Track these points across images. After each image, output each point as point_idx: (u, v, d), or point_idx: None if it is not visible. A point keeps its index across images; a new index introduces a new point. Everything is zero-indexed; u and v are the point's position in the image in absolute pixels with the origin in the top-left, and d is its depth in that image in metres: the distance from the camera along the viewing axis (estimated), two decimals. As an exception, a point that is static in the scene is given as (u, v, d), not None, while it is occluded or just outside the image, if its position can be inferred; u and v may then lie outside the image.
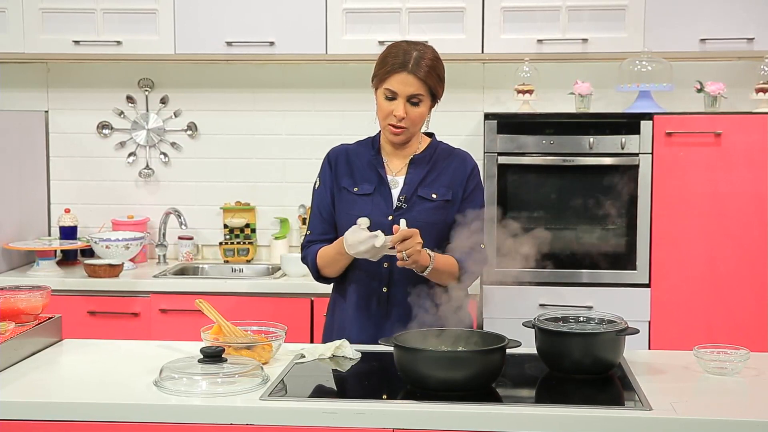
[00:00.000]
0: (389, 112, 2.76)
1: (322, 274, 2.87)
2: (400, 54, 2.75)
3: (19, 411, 2.19)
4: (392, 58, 2.75)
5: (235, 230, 4.57)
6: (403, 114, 2.74)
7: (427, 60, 2.75)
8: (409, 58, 2.73)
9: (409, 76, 2.72)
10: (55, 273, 4.19)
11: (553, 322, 2.51)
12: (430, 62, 2.75)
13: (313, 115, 4.59)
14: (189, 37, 4.22)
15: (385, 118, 2.79)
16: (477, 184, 2.88)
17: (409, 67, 2.72)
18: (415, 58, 2.73)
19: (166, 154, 4.67)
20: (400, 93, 2.74)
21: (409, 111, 2.75)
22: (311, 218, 2.93)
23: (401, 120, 2.75)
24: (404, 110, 2.74)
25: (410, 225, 2.71)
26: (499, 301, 3.97)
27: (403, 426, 2.12)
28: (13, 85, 4.64)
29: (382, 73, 2.76)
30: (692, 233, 3.92)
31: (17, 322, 2.60)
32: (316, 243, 2.87)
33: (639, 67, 4.08)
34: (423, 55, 2.75)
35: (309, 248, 2.88)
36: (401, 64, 2.73)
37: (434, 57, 2.78)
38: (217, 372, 2.27)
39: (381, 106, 2.79)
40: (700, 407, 2.18)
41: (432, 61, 2.76)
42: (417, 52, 2.75)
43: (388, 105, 2.76)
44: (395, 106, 2.75)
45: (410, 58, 2.73)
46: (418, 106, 2.76)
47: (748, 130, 3.89)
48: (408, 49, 2.77)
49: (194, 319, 2.87)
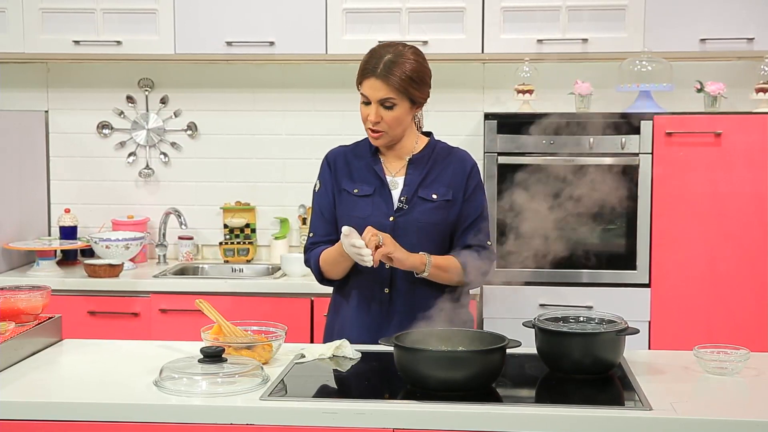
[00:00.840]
0: (365, 116, 2.78)
1: (325, 276, 2.86)
2: (373, 59, 2.74)
3: (19, 411, 2.19)
4: (365, 63, 2.76)
5: (235, 230, 4.57)
6: (375, 118, 2.74)
7: (400, 64, 2.71)
8: (380, 63, 2.71)
9: (377, 81, 2.71)
10: (55, 273, 4.19)
11: (553, 322, 2.51)
12: (404, 66, 2.71)
13: (313, 115, 4.60)
14: (189, 37, 4.22)
15: (364, 122, 2.81)
16: (477, 182, 2.88)
17: (378, 72, 2.71)
18: (385, 63, 2.71)
19: (166, 154, 4.67)
20: (371, 98, 2.74)
21: (383, 114, 2.74)
22: (313, 220, 2.92)
23: (376, 124, 2.76)
24: (377, 115, 2.74)
25: (411, 226, 2.75)
26: (499, 301, 3.97)
27: (403, 426, 2.12)
28: (13, 85, 4.64)
29: (358, 77, 2.78)
30: (692, 233, 3.92)
31: (17, 322, 2.60)
32: (319, 245, 2.87)
33: (639, 67, 4.08)
34: (396, 59, 2.72)
35: (312, 251, 2.88)
36: (371, 70, 2.73)
37: (413, 59, 2.74)
38: (217, 372, 2.27)
39: (360, 110, 2.81)
40: (701, 407, 2.18)
41: (406, 65, 2.72)
42: (390, 55, 2.72)
43: (365, 109, 2.78)
44: (369, 111, 2.76)
45: (380, 63, 2.71)
46: (392, 109, 2.74)
47: (748, 130, 3.89)
48: (381, 52, 2.74)
49: (194, 319, 2.87)
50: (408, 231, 2.77)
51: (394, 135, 2.80)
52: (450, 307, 2.69)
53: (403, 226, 2.78)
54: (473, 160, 2.91)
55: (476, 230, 2.82)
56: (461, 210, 2.82)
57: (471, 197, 2.84)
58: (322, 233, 2.88)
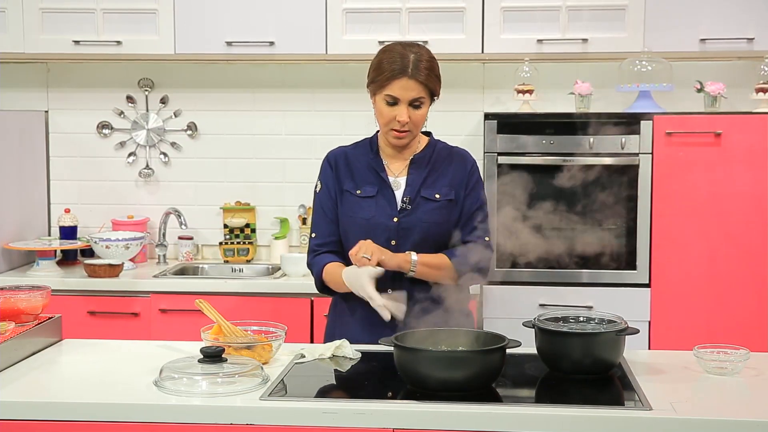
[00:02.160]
0: (392, 118, 2.74)
1: (326, 285, 2.86)
2: (397, 59, 2.72)
3: (19, 411, 2.19)
4: (389, 64, 2.72)
5: (235, 230, 4.57)
6: (407, 119, 2.73)
7: (424, 62, 2.73)
8: (408, 62, 2.71)
9: (410, 81, 2.70)
10: (55, 273, 4.19)
11: (553, 322, 2.51)
12: (427, 63, 2.73)
13: (313, 115, 4.59)
14: (189, 37, 4.22)
15: (387, 124, 2.77)
16: (477, 179, 2.89)
17: (410, 72, 2.70)
18: (413, 62, 2.71)
19: (166, 154, 4.67)
20: (402, 98, 2.72)
21: (411, 115, 2.74)
22: (315, 221, 2.91)
23: (405, 124, 2.75)
24: (408, 115, 2.73)
25: (415, 226, 2.77)
26: (499, 301, 3.97)
27: (403, 426, 2.12)
28: (13, 85, 4.64)
29: (382, 79, 2.73)
30: (692, 233, 3.92)
31: (17, 322, 2.60)
32: (323, 247, 2.86)
33: (639, 67, 4.08)
34: (420, 57, 2.73)
35: (316, 257, 2.86)
36: (401, 70, 2.70)
37: (430, 57, 2.77)
38: (217, 372, 2.27)
39: (382, 112, 2.76)
40: (701, 407, 2.18)
41: (429, 62, 2.74)
42: (414, 54, 2.73)
43: (390, 111, 2.74)
44: (398, 112, 2.73)
45: (408, 62, 2.71)
46: (419, 108, 2.75)
47: (748, 130, 3.89)
48: (404, 52, 2.74)
49: (194, 319, 2.86)
50: (412, 231, 2.77)
51: (416, 134, 2.82)
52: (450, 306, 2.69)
53: (407, 227, 2.78)
54: (473, 158, 2.92)
55: (474, 226, 2.83)
56: (462, 206, 2.83)
57: (471, 193, 2.86)
58: (325, 233, 2.87)
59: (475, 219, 2.84)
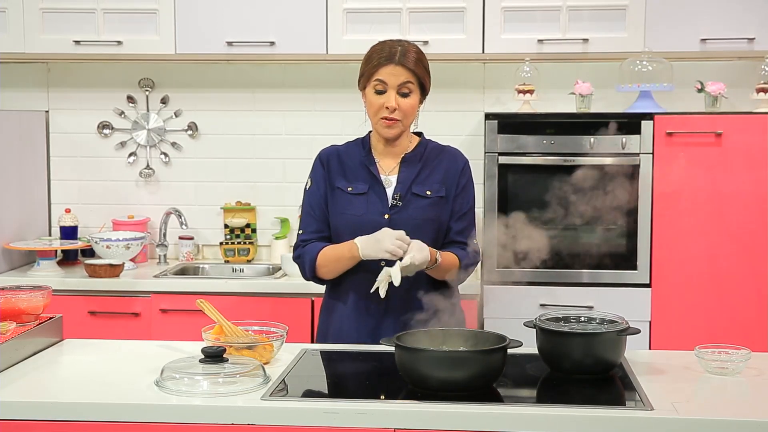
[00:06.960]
0: (380, 106, 2.80)
1: (317, 274, 2.86)
2: (386, 49, 2.82)
3: (19, 411, 2.19)
4: (378, 54, 2.82)
5: (235, 230, 4.57)
6: (394, 104, 2.78)
7: (412, 53, 2.82)
8: (395, 51, 2.80)
9: (397, 67, 2.78)
10: (55, 273, 4.19)
11: (554, 322, 2.51)
12: (415, 54, 2.83)
13: (313, 115, 4.59)
14: (189, 37, 4.22)
15: (376, 113, 2.82)
16: (468, 179, 2.93)
17: (396, 59, 2.78)
18: (401, 51, 2.81)
19: (167, 154, 4.67)
20: (390, 84, 2.78)
21: (400, 102, 2.79)
22: (303, 217, 2.94)
23: (393, 111, 2.78)
24: (396, 101, 2.78)
25: (406, 222, 2.78)
26: (499, 301, 3.97)
27: (404, 426, 2.12)
28: (14, 85, 4.64)
29: (370, 68, 2.81)
30: (692, 233, 3.92)
31: (18, 322, 2.60)
32: (310, 242, 2.87)
33: (639, 67, 4.08)
34: (408, 48, 2.83)
35: (305, 247, 2.88)
36: (387, 57, 2.79)
37: (418, 50, 2.86)
38: (218, 372, 2.27)
39: (371, 101, 2.82)
40: (702, 407, 2.19)
41: (417, 54, 2.83)
42: (401, 46, 2.83)
43: (378, 99, 2.80)
44: (386, 98, 2.79)
45: (396, 51, 2.80)
46: (408, 96, 2.80)
47: (749, 130, 3.89)
48: (392, 44, 2.84)
49: (195, 319, 2.87)
50: (403, 228, 2.77)
51: (407, 125, 2.85)
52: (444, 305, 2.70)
53: (398, 223, 2.79)
54: (465, 157, 2.96)
55: (463, 226, 2.86)
56: (452, 206, 2.87)
57: (461, 193, 2.89)
58: (312, 230, 2.89)
59: (463, 219, 2.87)
